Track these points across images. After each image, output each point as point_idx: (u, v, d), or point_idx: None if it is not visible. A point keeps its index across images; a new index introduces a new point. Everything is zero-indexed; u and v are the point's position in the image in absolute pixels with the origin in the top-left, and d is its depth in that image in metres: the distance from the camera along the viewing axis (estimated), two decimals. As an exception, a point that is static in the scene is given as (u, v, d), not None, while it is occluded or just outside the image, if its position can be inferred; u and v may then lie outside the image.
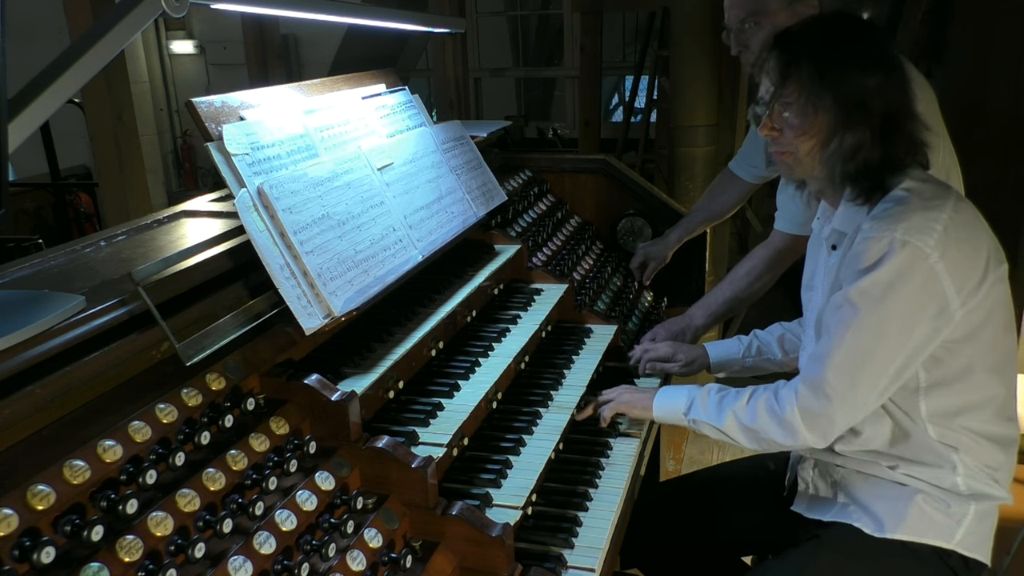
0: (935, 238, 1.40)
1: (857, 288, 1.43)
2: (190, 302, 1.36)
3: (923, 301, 1.42)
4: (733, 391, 1.64)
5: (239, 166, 1.46)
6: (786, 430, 1.53)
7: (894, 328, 1.43)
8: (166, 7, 1.19)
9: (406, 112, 2.08)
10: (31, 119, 1.06)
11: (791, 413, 1.51)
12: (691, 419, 1.67)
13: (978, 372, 1.50)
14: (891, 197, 1.48)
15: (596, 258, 2.64)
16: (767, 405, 1.56)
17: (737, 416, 1.60)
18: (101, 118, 3.33)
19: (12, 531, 0.93)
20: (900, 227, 1.41)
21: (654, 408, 1.74)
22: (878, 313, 1.42)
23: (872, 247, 1.42)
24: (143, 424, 1.12)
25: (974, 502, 1.54)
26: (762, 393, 1.58)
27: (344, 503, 1.29)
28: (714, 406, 1.64)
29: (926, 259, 1.40)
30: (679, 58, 3.69)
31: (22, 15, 6.85)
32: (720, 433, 1.63)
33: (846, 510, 1.61)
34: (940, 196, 1.47)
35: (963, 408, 1.51)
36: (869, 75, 1.45)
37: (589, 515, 1.55)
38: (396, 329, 1.68)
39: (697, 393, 1.68)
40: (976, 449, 1.52)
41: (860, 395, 1.46)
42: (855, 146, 1.47)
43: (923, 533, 1.53)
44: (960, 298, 1.43)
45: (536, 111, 9.01)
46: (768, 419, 1.55)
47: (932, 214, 1.42)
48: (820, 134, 1.49)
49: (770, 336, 2.03)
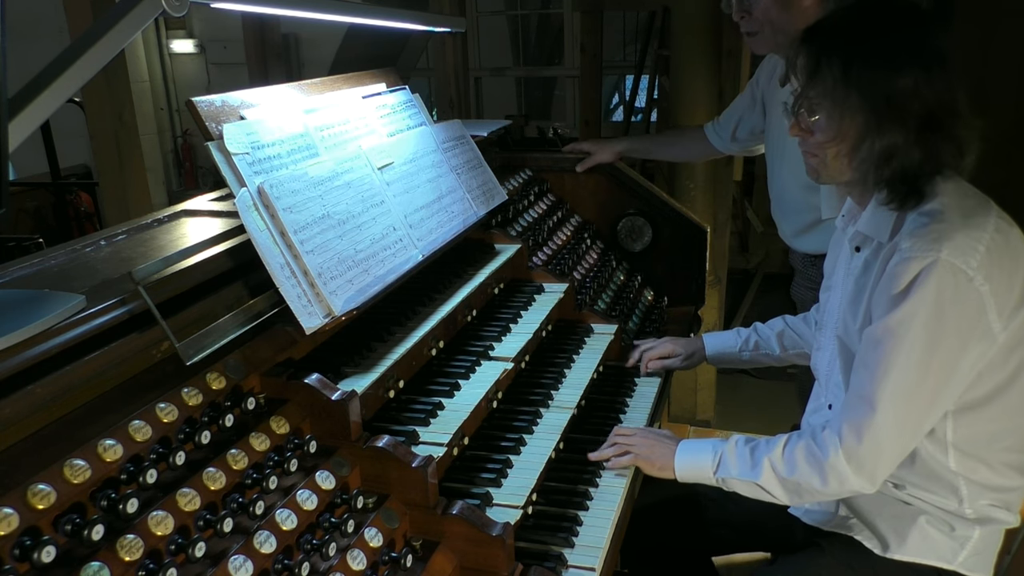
0: (978, 260, 1.30)
1: (898, 316, 1.33)
2: (190, 301, 1.36)
3: (969, 327, 1.32)
4: (763, 441, 1.52)
5: (239, 165, 1.45)
6: (831, 477, 1.40)
7: (942, 357, 1.33)
8: (166, 6, 1.19)
9: (406, 111, 2.08)
10: (31, 118, 1.06)
11: (836, 458, 1.39)
12: (720, 478, 1.54)
13: (1007, 397, 1.42)
14: (927, 211, 1.37)
15: (596, 257, 2.64)
16: (807, 452, 1.44)
17: (775, 468, 1.47)
18: (101, 117, 3.33)
19: (12, 530, 0.93)
20: (944, 247, 1.30)
21: (676, 468, 1.60)
22: (924, 342, 1.32)
23: (911, 268, 1.32)
24: (143, 423, 1.12)
25: (979, 526, 1.50)
26: (798, 440, 1.46)
27: (344, 502, 1.29)
28: (746, 460, 1.51)
29: (971, 282, 1.30)
30: (679, 57, 3.69)
31: (22, 14, 6.86)
32: (757, 489, 1.50)
33: (847, 523, 1.58)
34: (980, 212, 1.37)
35: (991, 436, 1.44)
36: (904, 73, 1.32)
37: (590, 514, 1.55)
38: (396, 328, 1.68)
39: (724, 448, 1.55)
40: (995, 477, 1.46)
41: (909, 431, 1.37)
42: (888, 150, 1.35)
43: (925, 555, 1.50)
44: (1002, 322, 1.34)
45: (536, 110, 9.01)
46: (809, 468, 1.43)
47: (975, 233, 1.32)
48: (849, 138, 1.38)
49: (770, 331, 2.01)
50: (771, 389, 4.56)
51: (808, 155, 1.48)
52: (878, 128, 1.36)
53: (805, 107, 1.43)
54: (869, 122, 1.36)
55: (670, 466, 1.60)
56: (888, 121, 1.35)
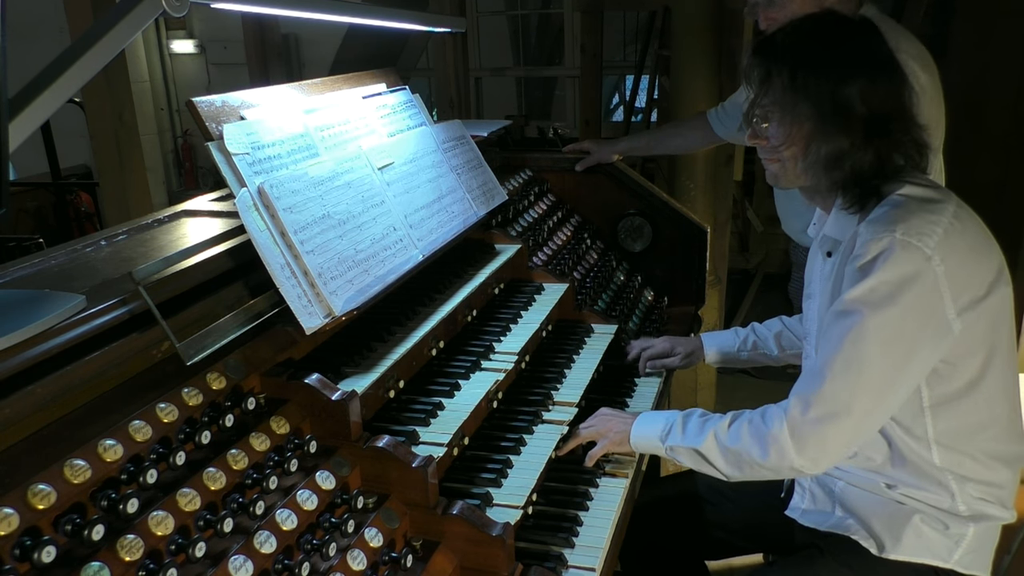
0: (935, 240, 1.34)
1: (856, 292, 1.36)
2: (191, 301, 1.36)
3: (925, 306, 1.35)
4: (718, 415, 1.54)
5: (239, 165, 1.46)
6: (771, 450, 1.41)
7: (896, 335, 1.35)
8: (166, 6, 1.19)
9: (406, 111, 2.08)
10: (32, 118, 1.06)
11: (779, 430, 1.40)
12: (668, 446, 1.56)
13: (983, 390, 1.43)
14: (887, 202, 1.42)
15: (596, 257, 2.64)
16: (751, 424, 1.46)
17: (718, 437, 1.49)
18: (102, 117, 3.33)
19: (13, 530, 0.93)
20: (899, 227, 1.35)
21: (631, 437, 1.62)
22: (879, 318, 1.34)
23: (870, 248, 1.36)
24: (143, 423, 1.13)
25: (973, 523, 1.50)
26: (748, 413, 1.49)
27: (344, 502, 1.29)
28: (694, 428, 1.54)
29: (928, 260, 1.33)
30: (679, 57, 3.69)
31: (22, 14, 6.86)
32: (698, 458, 1.52)
33: (844, 523, 1.58)
34: (939, 200, 1.41)
35: (972, 428, 1.45)
36: (848, 81, 1.38)
37: (590, 514, 1.55)
38: (397, 328, 1.68)
39: (676, 418, 1.58)
40: (982, 470, 1.47)
41: (858, 413, 1.37)
42: (834, 154, 1.41)
43: (921, 554, 1.51)
44: (956, 308, 1.36)
45: (536, 110, 9.01)
46: (751, 439, 1.44)
47: (932, 216, 1.37)
48: (800, 142, 1.45)
49: (768, 331, 2.02)
50: (771, 389, 4.54)
51: (767, 161, 1.54)
52: (824, 133, 1.41)
53: (759, 115, 1.50)
54: (816, 127, 1.42)
55: (627, 438, 1.63)
56: (834, 126, 1.40)
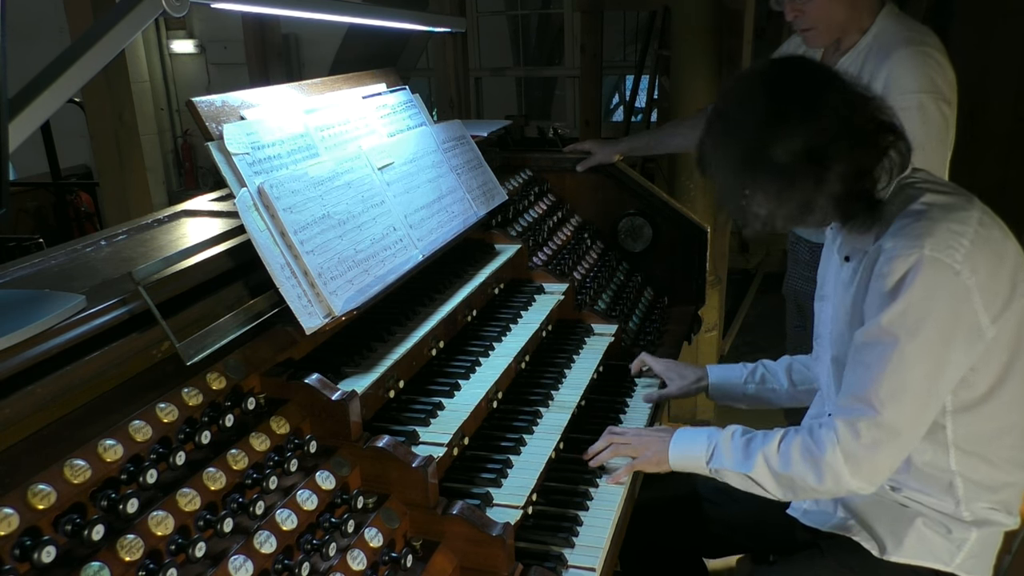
0: (963, 253, 1.32)
1: (889, 316, 1.34)
2: (191, 301, 1.36)
3: (957, 321, 1.34)
4: (760, 433, 1.52)
5: (239, 165, 1.46)
6: (827, 475, 1.40)
7: (936, 355, 1.34)
8: (166, 6, 1.19)
9: (406, 111, 2.08)
10: (31, 118, 1.06)
11: (833, 456, 1.39)
12: (713, 468, 1.54)
13: (1002, 394, 1.42)
14: (909, 212, 1.39)
15: (596, 257, 2.64)
16: (803, 448, 1.43)
17: (768, 461, 1.46)
18: (101, 117, 3.33)
19: (13, 530, 0.93)
20: (927, 243, 1.32)
21: (671, 458, 1.59)
22: (917, 341, 1.33)
23: (897, 267, 1.33)
24: (143, 423, 1.13)
25: (976, 528, 1.50)
26: (795, 435, 1.46)
27: (344, 502, 1.29)
28: (740, 452, 1.50)
29: (957, 275, 1.31)
30: (679, 57, 3.69)
31: (22, 14, 6.85)
32: (748, 481, 1.50)
33: (846, 524, 1.58)
34: (963, 207, 1.39)
35: (992, 433, 1.44)
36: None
37: (590, 514, 1.55)
38: (396, 328, 1.68)
39: (719, 438, 1.54)
40: (997, 474, 1.46)
41: (906, 430, 1.37)
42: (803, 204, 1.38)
43: (922, 557, 1.51)
44: (989, 316, 1.35)
45: (536, 110, 9.01)
46: (804, 464, 1.42)
47: (957, 227, 1.34)
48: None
49: (778, 366, 1.94)
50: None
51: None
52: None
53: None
54: None
55: (665, 458, 1.60)
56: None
